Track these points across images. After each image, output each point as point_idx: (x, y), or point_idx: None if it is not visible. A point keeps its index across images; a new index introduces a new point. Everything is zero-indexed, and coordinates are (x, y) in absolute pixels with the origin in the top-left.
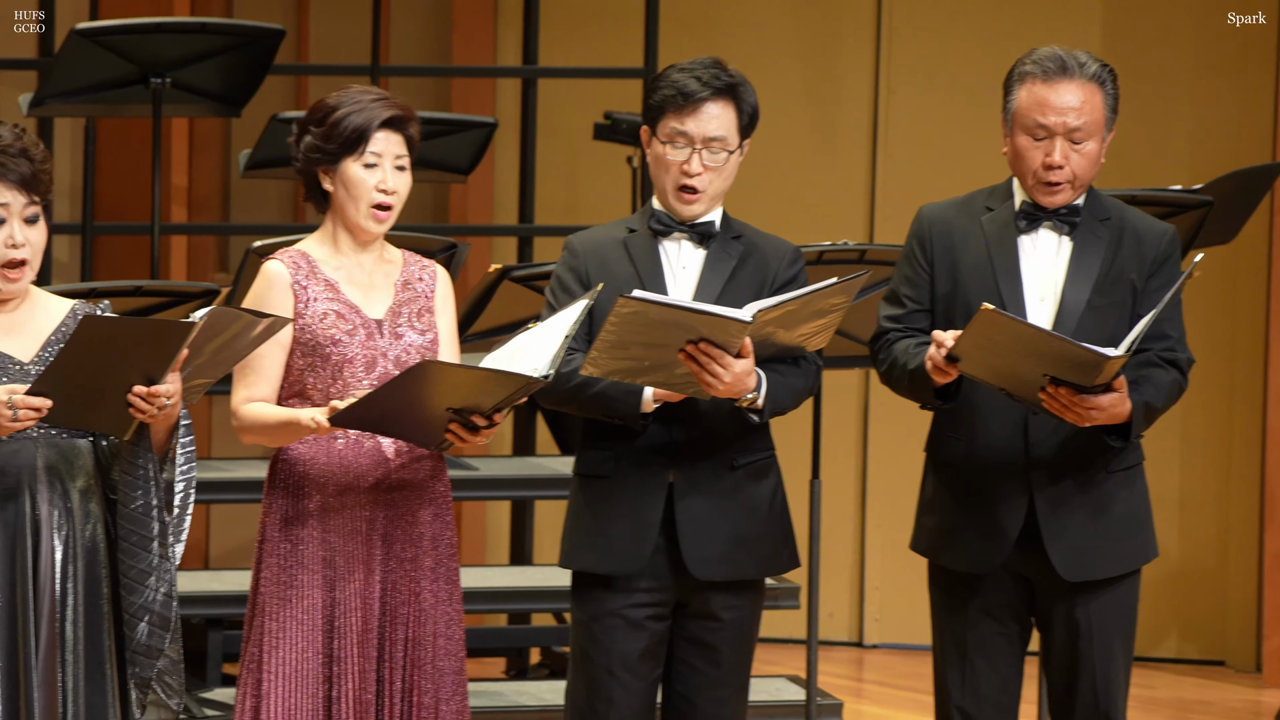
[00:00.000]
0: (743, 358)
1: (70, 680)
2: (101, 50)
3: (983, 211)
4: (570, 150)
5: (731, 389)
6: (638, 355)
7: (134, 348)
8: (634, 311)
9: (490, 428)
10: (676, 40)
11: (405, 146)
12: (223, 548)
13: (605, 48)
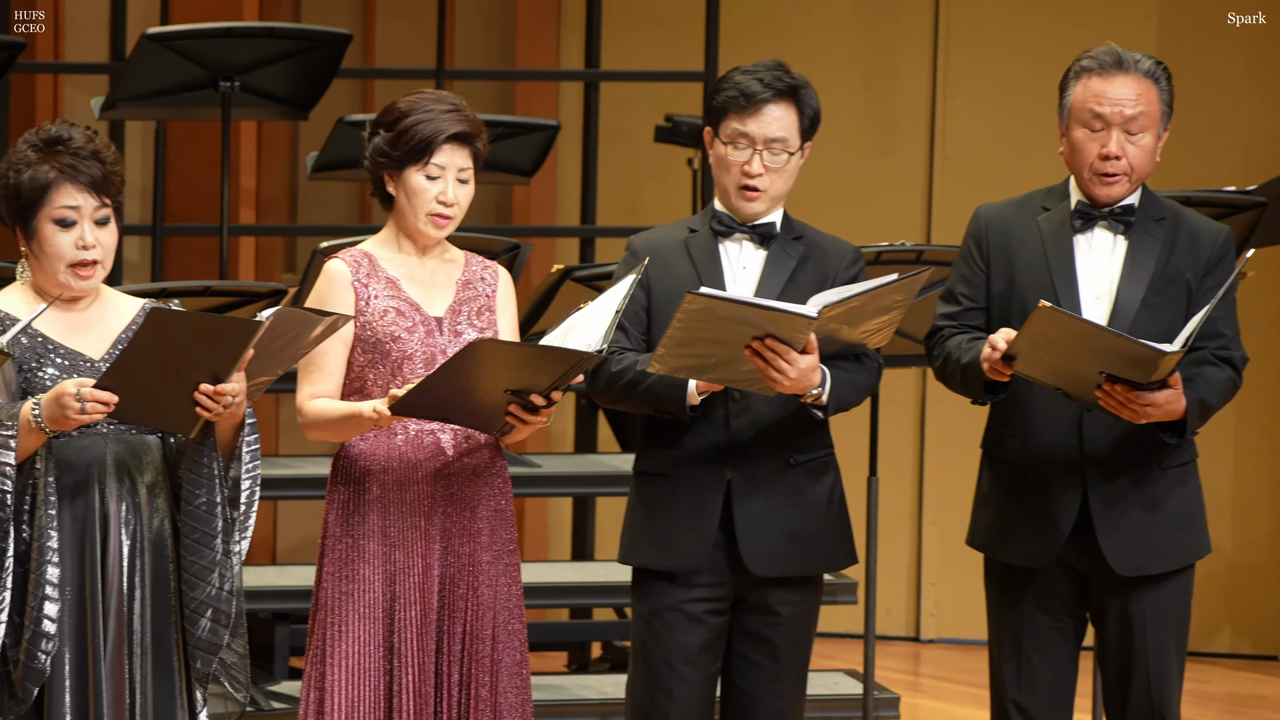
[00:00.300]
0: (808, 354)
1: (138, 672)
2: (172, 54)
3: (1039, 211)
4: (631, 152)
5: (797, 385)
6: (704, 352)
7: (201, 345)
8: (701, 308)
9: (549, 406)
10: (737, 44)
11: (470, 159)
12: (289, 543)
13: (666, 51)
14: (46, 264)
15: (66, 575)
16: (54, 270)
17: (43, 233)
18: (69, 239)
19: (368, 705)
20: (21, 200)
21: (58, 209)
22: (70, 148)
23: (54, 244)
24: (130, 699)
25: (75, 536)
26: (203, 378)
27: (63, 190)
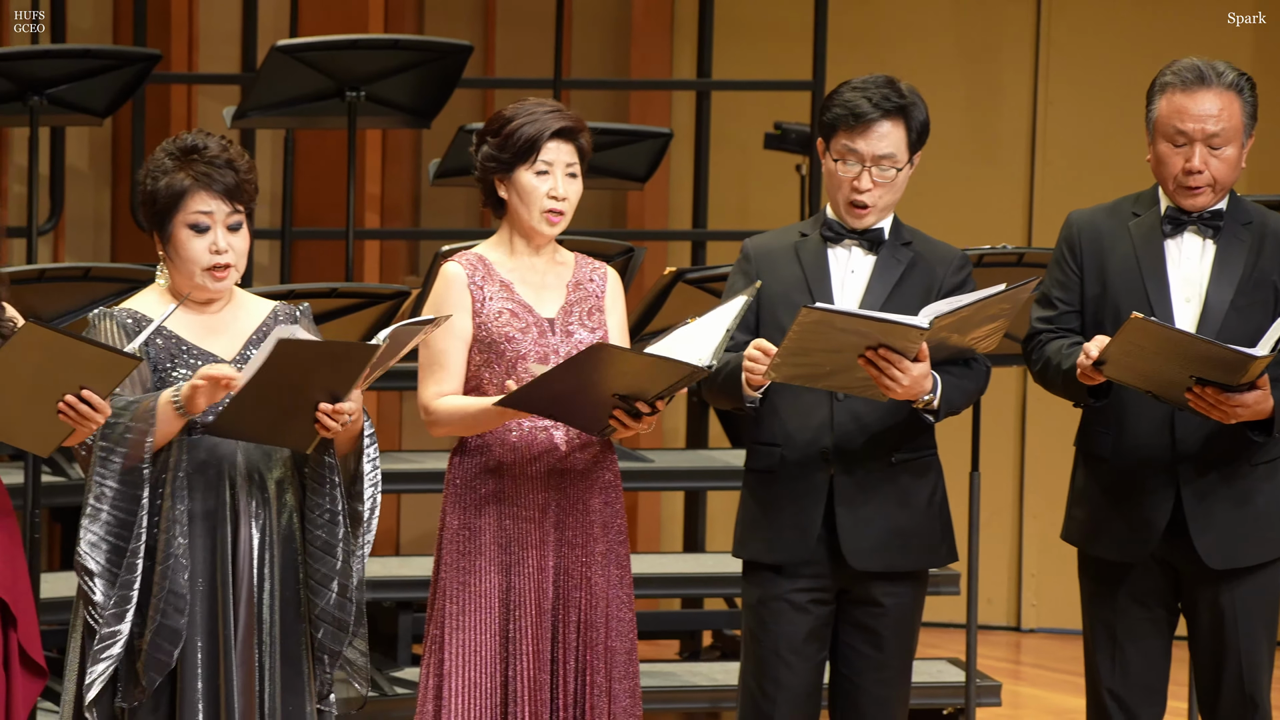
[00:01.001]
0: (919, 361)
1: (266, 660)
2: (300, 66)
3: (1130, 217)
4: (741, 158)
5: (909, 391)
6: (818, 361)
7: (322, 369)
8: (816, 321)
9: (652, 414)
10: (844, 53)
11: (576, 155)
12: (412, 534)
13: (775, 61)
14: (182, 267)
15: (198, 568)
16: (189, 273)
17: (178, 237)
18: (203, 244)
19: (484, 691)
20: (158, 206)
21: (192, 214)
22: (205, 156)
23: (188, 248)
24: (259, 687)
25: (207, 530)
26: (322, 397)
27: (197, 197)
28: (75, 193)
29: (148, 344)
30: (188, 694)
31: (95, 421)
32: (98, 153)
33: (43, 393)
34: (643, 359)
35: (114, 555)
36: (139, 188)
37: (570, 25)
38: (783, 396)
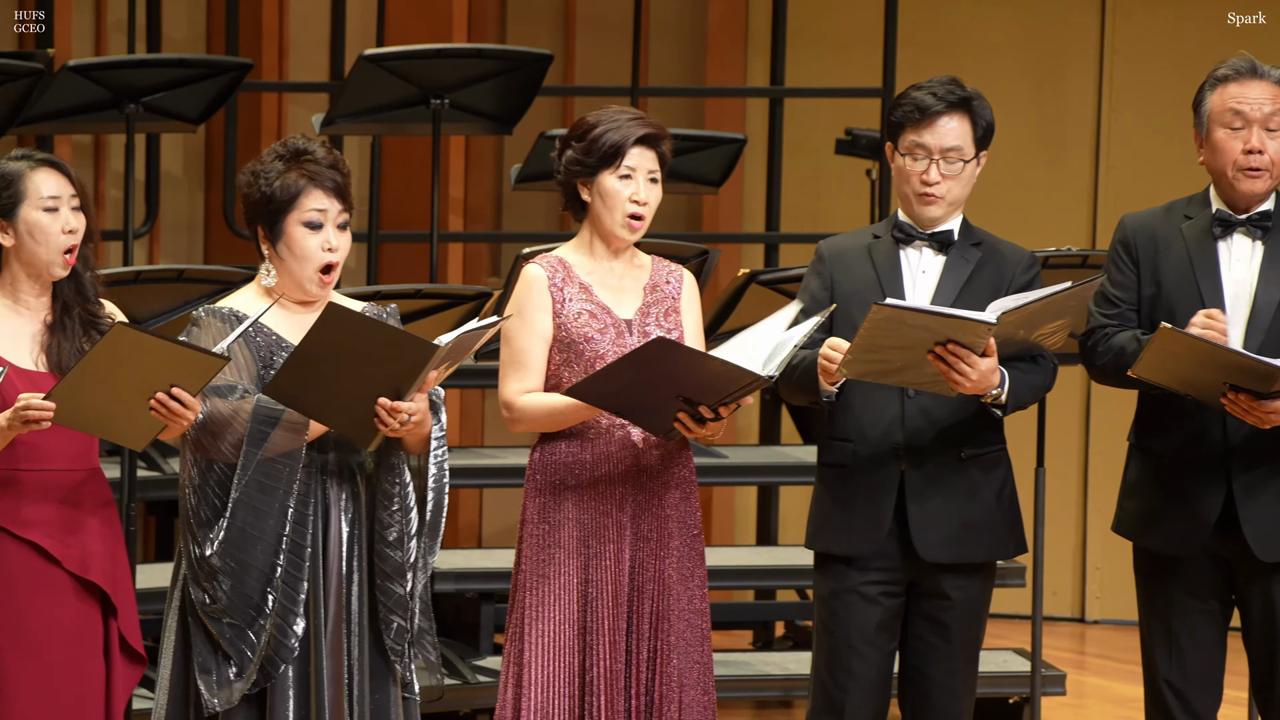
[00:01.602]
0: (988, 356)
1: (355, 649)
2: (387, 74)
3: (1182, 219)
4: (813, 164)
5: (978, 386)
6: (889, 357)
7: (380, 359)
8: (886, 318)
9: (716, 421)
10: (913, 62)
11: (657, 161)
12: (494, 528)
13: (846, 69)
14: (295, 266)
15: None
16: (302, 271)
17: (291, 234)
18: (317, 240)
19: (563, 680)
20: (273, 205)
21: (307, 212)
22: (314, 157)
23: (303, 245)
24: (348, 675)
25: (299, 521)
26: (383, 392)
27: (311, 195)
28: (170, 197)
29: (250, 339)
30: (279, 681)
31: (186, 418)
32: (191, 158)
33: (135, 391)
34: (703, 358)
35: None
36: (247, 190)
37: (648, 35)
38: (856, 393)
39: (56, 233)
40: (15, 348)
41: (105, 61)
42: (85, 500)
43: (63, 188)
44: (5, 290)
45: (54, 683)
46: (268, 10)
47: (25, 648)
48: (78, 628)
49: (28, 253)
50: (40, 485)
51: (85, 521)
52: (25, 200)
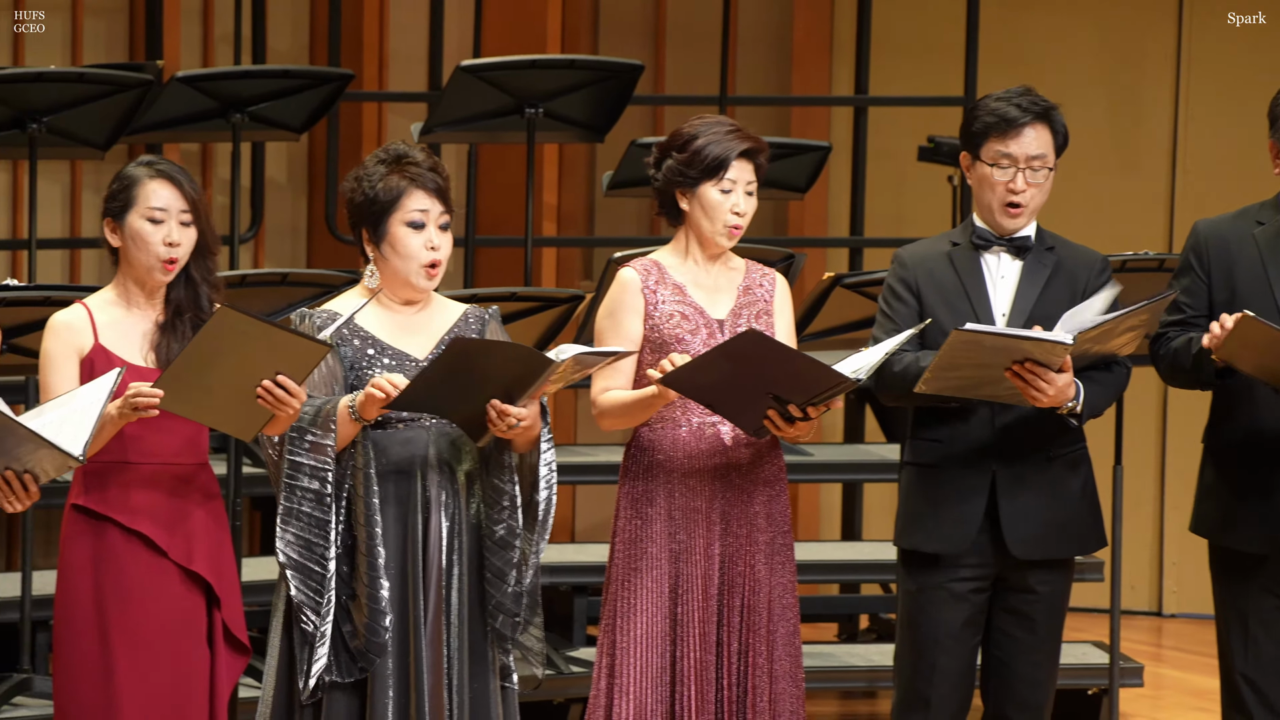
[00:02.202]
0: (1064, 372)
1: (454, 640)
2: (483, 84)
3: (1254, 225)
4: (896, 170)
5: (1055, 400)
6: (968, 375)
7: (499, 369)
8: (966, 341)
9: (805, 421)
10: (993, 70)
11: (755, 174)
12: (586, 523)
13: (929, 77)
14: (398, 264)
15: (390, 554)
16: (405, 270)
17: (395, 234)
18: (420, 240)
19: (654, 670)
20: (376, 207)
21: (410, 212)
22: (415, 160)
23: (406, 245)
24: (447, 665)
25: (399, 518)
26: (496, 394)
27: (414, 195)
28: (274, 203)
29: (343, 343)
30: (379, 670)
31: (292, 406)
32: (295, 166)
33: (241, 379)
34: (792, 353)
35: (311, 551)
36: (351, 195)
37: (735, 45)
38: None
39: (158, 243)
40: (126, 344)
41: (212, 73)
42: (192, 493)
43: (173, 201)
44: (119, 289)
45: (159, 670)
46: (369, 23)
47: (132, 635)
48: (183, 617)
49: (132, 256)
50: (149, 477)
51: (191, 513)
52: (134, 206)
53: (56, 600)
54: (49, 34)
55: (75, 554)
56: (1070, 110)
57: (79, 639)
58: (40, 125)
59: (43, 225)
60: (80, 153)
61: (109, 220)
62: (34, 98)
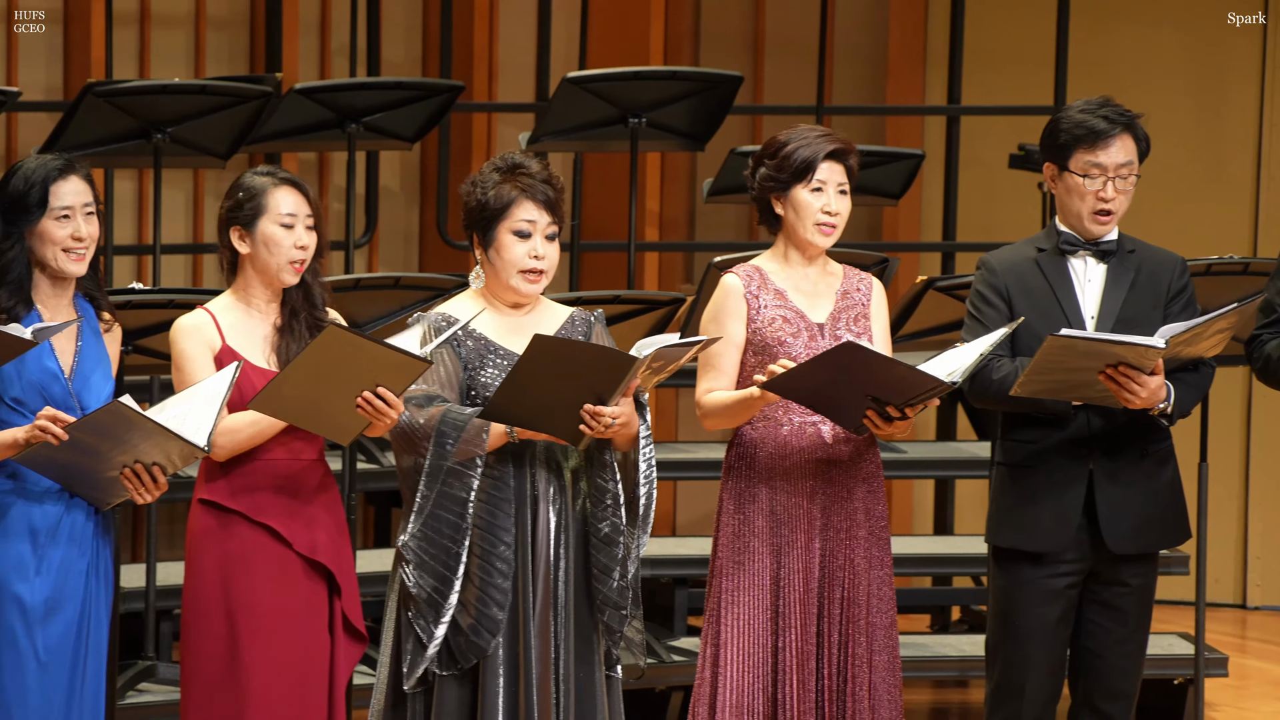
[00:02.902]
0: (1155, 375)
1: (562, 631)
2: (588, 95)
3: None
4: (988, 177)
5: (1147, 402)
6: (1061, 378)
7: (583, 372)
8: (1061, 346)
9: (903, 420)
10: (1082, 79)
11: (846, 175)
12: (687, 517)
13: (1019, 87)
14: (501, 269)
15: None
16: (507, 275)
17: (501, 241)
18: (524, 248)
19: (756, 660)
20: (487, 213)
21: (517, 221)
22: (529, 171)
23: (510, 252)
24: (555, 653)
25: (509, 512)
26: (586, 398)
27: (523, 205)
28: (387, 210)
29: (459, 344)
30: (489, 660)
31: (389, 417)
32: (407, 174)
33: (343, 389)
34: (889, 363)
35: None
36: (466, 199)
37: (832, 56)
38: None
39: (289, 247)
40: (249, 347)
41: (329, 84)
42: (313, 488)
43: (300, 207)
44: (239, 294)
45: (284, 656)
46: (479, 36)
47: (259, 623)
48: (306, 605)
49: (261, 262)
50: (271, 473)
51: (313, 507)
52: (265, 214)
53: (185, 590)
54: (173, 48)
55: (203, 546)
56: (1156, 118)
57: (207, 627)
58: (165, 135)
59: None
60: (203, 162)
61: (237, 228)
62: (159, 109)
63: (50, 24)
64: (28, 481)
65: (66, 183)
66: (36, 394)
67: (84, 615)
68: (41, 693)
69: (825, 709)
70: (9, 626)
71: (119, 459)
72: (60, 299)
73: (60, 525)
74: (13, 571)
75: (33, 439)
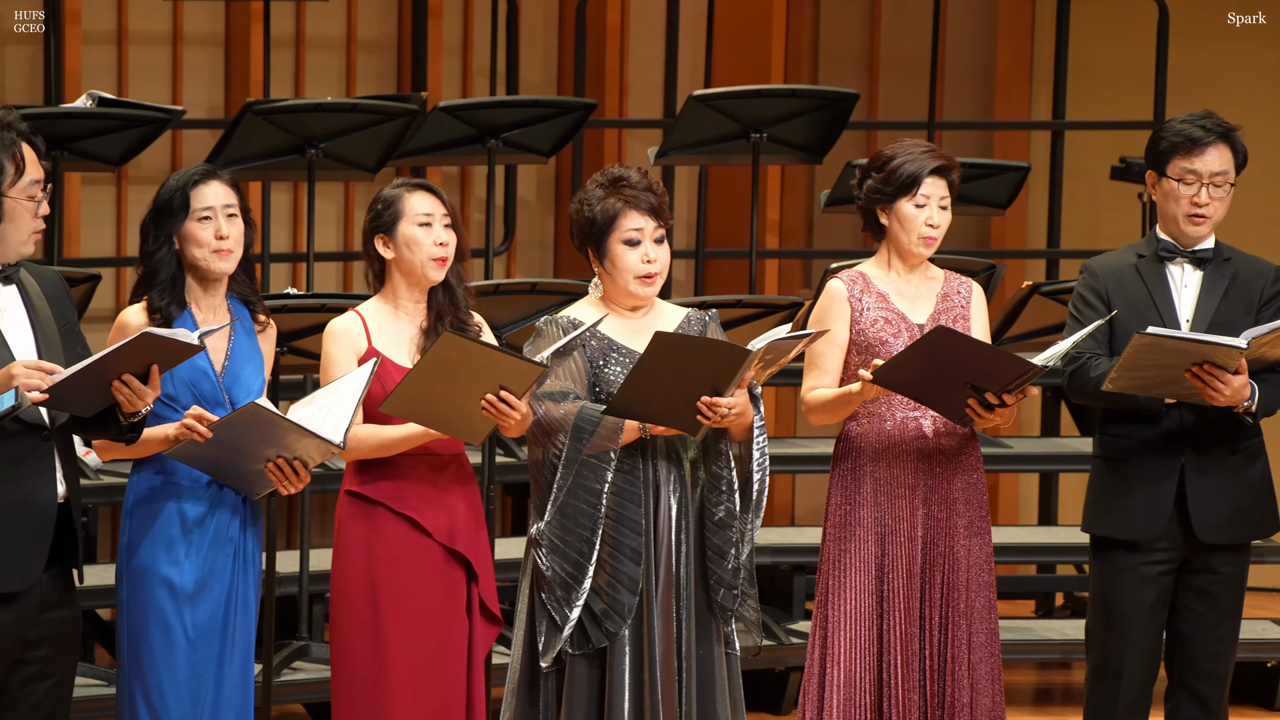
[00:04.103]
0: (1240, 374)
1: (684, 612)
2: (713, 112)
3: None
4: (1090, 188)
5: (1231, 399)
6: (1150, 375)
7: (700, 365)
8: (1147, 344)
9: (1004, 408)
10: (1181, 95)
11: (947, 189)
12: (804, 508)
13: (1121, 102)
14: (617, 277)
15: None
16: (624, 282)
17: (614, 251)
18: (635, 255)
19: (863, 642)
20: (597, 228)
21: (626, 231)
22: (630, 182)
23: (624, 260)
24: (677, 632)
25: (633, 499)
26: (704, 391)
27: (629, 216)
28: (524, 219)
29: (585, 345)
30: (617, 640)
31: (513, 418)
32: (543, 186)
33: (468, 392)
34: (979, 345)
35: (570, 535)
36: (575, 217)
37: (943, 74)
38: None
39: (429, 244)
40: (396, 347)
41: (470, 103)
42: (452, 479)
43: (435, 207)
44: (388, 298)
45: (423, 636)
46: (610, 57)
47: (400, 606)
48: (444, 590)
49: (405, 263)
50: (414, 466)
51: (451, 498)
52: (403, 218)
53: (333, 575)
54: (326, 69)
55: (350, 534)
56: (1253, 132)
57: (354, 609)
58: (318, 150)
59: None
60: (353, 175)
61: (381, 236)
62: (313, 126)
63: (212, 47)
64: (179, 472)
65: (207, 186)
66: (188, 391)
67: (230, 597)
68: (191, 668)
69: (928, 687)
70: (160, 607)
71: (263, 453)
72: (212, 299)
73: (208, 513)
74: (163, 556)
75: (180, 436)
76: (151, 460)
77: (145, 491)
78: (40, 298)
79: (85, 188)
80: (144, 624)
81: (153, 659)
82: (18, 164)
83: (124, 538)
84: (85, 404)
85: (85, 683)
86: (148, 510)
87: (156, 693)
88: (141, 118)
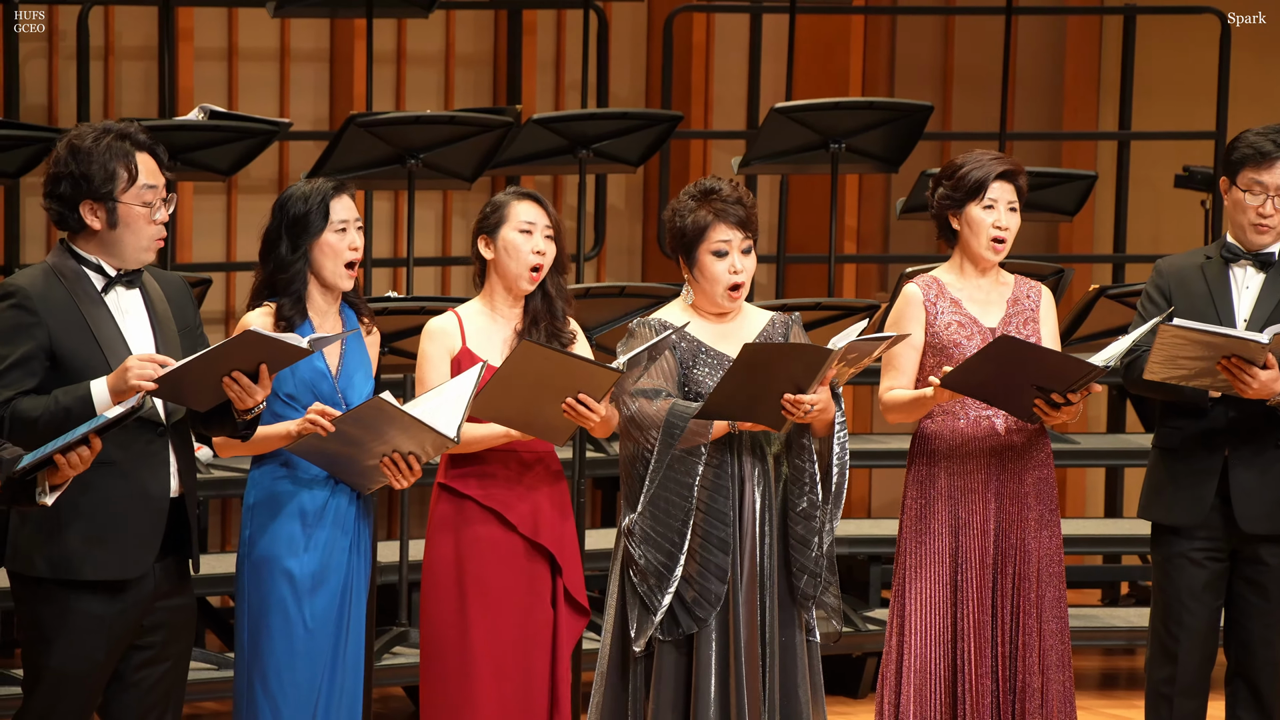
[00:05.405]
0: (1268, 368)
1: (767, 599)
2: (793, 124)
3: None
4: (1154, 195)
5: (1260, 392)
6: (1185, 365)
7: (785, 366)
8: (1174, 336)
9: (1068, 406)
10: (1243, 109)
11: (1015, 194)
12: (881, 501)
13: (1185, 114)
14: (707, 287)
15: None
16: (713, 292)
17: (703, 262)
18: (723, 266)
19: (937, 630)
20: (687, 238)
21: (715, 243)
22: (721, 195)
23: (712, 270)
24: (761, 619)
25: (718, 490)
26: (787, 389)
27: (718, 228)
28: (614, 226)
29: (675, 346)
30: (703, 629)
31: (592, 420)
32: (632, 194)
33: (548, 396)
34: (1042, 351)
35: (662, 526)
36: (666, 224)
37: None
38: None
39: (527, 252)
40: (489, 348)
41: (563, 115)
42: (540, 474)
43: (539, 217)
44: (486, 299)
45: (507, 625)
46: (695, 71)
47: (486, 598)
48: (528, 581)
49: (502, 266)
50: (503, 461)
51: (538, 494)
52: (506, 222)
53: (424, 565)
54: (426, 84)
55: (440, 526)
56: None
57: (442, 597)
58: (417, 160)
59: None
60: (451, 184)
61: (483, 236)
62: (413, 137)
63: (318, 63)
64: (299, 469)
65: (340, 200)
66: (307, 391)
67: (346, 588)
68: (308, 656)
69: (1000, 673)
70: (280, 597)
71: (378, 449)
72: (330, 309)
73: (326, 508)
74: (284, 548)
75: (303, 430)
76: (273, 456)
77: (267, 486)
78: (162, 300)
79: (197, 196)
80: (264, 614)
81: (272, 648)
82: (130, 171)
83: (245, 531)
84: (196, 398)
85: (197, 666)
86: (269, 505)
87: (275, 680)
88: (251, 130)
